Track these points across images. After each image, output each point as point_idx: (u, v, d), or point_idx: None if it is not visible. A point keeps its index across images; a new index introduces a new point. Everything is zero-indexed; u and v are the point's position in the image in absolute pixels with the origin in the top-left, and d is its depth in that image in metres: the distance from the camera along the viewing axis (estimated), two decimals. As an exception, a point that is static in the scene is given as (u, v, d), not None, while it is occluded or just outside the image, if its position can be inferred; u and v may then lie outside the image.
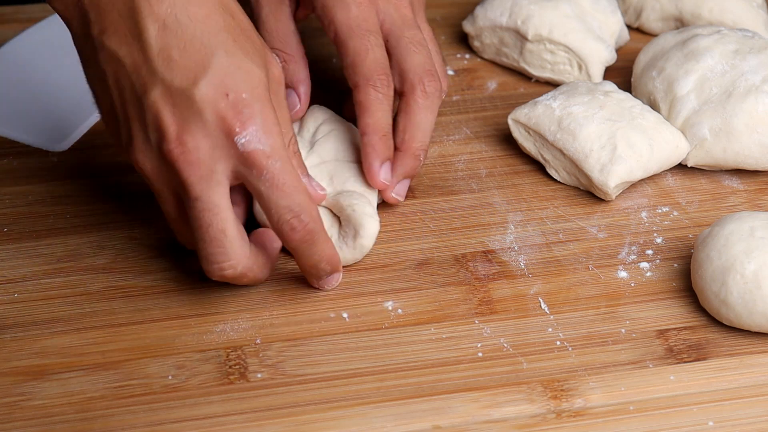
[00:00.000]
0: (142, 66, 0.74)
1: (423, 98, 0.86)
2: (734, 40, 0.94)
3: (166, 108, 0.74)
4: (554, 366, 0.78)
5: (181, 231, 0.81)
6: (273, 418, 0.75)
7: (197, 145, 0.74)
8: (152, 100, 0.74)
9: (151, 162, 0.76)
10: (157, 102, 0.74)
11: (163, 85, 0.74)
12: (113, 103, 0.76)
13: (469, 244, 0.87)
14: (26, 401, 0.75)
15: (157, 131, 0.74)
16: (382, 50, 0.86)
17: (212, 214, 0.75)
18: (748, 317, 0.78)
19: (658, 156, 0.90)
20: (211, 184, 0.75)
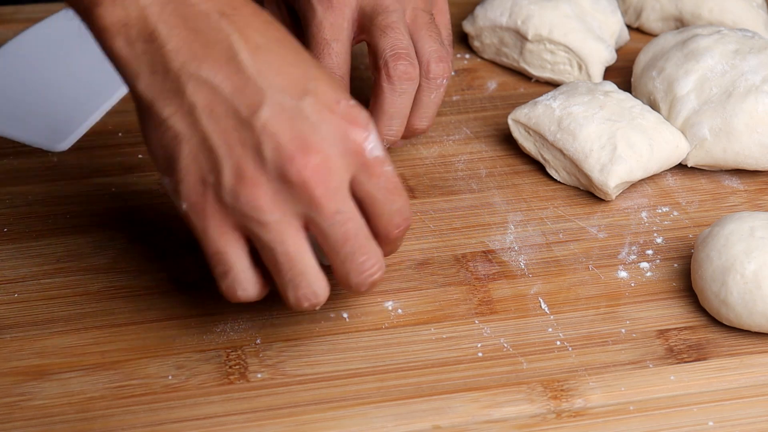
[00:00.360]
0: (245, 87, 0.69)
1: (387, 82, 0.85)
2: (734, 40, 0.94)
3: (280, 126, 0.69)
4: (554, 366, 0.78)
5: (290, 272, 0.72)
6: (273, 418, 0.75)
7: (324, 157, 0.69)
8: (262, 121, 0.69)
9: (269, 190, 0.69)
10: (269, 122, 0.69)
11: (271, 104, 0.69)
12: (206, 141, 0.70)
13: (469, 244, 0.87)
14: (26, 401, 0.75)
15: (276, 152, 0.69)
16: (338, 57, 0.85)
17: (354, 222, 0.71)
18: (748, 317, 0.78)
19: (658, 156, 0.90)
20: (343, 195, 0.71)
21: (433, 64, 0.86)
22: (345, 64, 0.86)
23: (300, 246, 0.71)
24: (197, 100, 0.69)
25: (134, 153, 0.94)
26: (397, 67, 0.84)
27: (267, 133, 0.69)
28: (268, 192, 0.69)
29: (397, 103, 0.86)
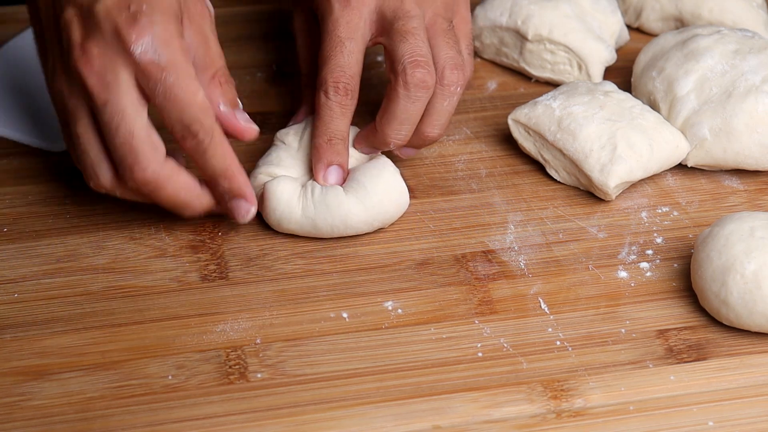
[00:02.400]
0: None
1: (402, 89, 0.84)
2: (734, 40, 0.94)
3: (74, 22, 0.78)
4: (554, 366, 0.78)
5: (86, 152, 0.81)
6: (273, 418, 0.75)
7: (99, 53, 0.77)
8: (65, 18, 0.78)
9: (64, 79, 0.79)
10: (68, 19, 0.78)
11: (74, 4, 0.78)
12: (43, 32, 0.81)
13: (469, 244, 0.87)
14: (26, 401, 0.75)
15: (66, 44, 0.78)
16: (350, 56, 0.85)
17: (120, 117, 0.78)
18: (748, 317, 0.78)
19: (658, 156, 0.90)
20: (117, 90, 0.77)
21: (448, 71, 0.86)
22: (357, 64, 0.85)
23: (85, 128, 0.80)
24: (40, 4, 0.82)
25: (134, 153, 0.94)
26: (415, 74, 0.84)
27: (65, 28, 0.78)
28: (64, 80, 0.79)
29: (409, 110, 0.85)
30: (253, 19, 1.11)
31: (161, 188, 0.80)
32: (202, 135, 0.79)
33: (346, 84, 0.85)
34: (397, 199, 0.86)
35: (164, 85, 0.77)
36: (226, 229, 0.87)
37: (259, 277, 0.84)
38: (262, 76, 1.03)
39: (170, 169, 0.80)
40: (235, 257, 0.85)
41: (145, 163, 0.79)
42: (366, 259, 0.85)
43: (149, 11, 0.77)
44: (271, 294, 0.83)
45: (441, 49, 0.86)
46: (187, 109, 0.78)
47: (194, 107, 0.79)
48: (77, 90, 0.79)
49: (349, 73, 0.85)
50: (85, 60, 0.77)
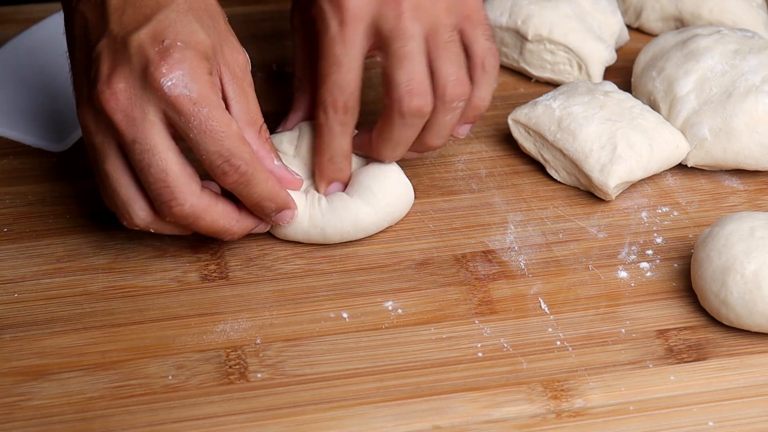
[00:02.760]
0: (99, 23, 0.77)
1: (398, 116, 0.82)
2: (734, 40, 0.94)
3: (105, 55, 0.76)
4: (554, 366, 0.78)
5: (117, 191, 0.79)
6: (273, 418, 0.74)
7: (125, 87, 0.75)
8: (97, 50, 0.77)
9: (92, 113, 0.77)
10: (100, 51, 0.77)
11: (109, 36, 0.77)
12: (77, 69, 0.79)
13: (469, 244, 0.87)
14: (26, 401, 0.75)
15: (94, 78, 0.76)
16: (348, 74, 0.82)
17: (151, 155, 0.76)
18: (748, 317, 0.78)
19: (658, 156, 0.90)
20: (145, 125, 0.76)
21: (449, 88, 0.83)
22: (355, 80, 0.83)
23: (116, 165, 0.78)
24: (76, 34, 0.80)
25: (134, 153, 0.94)
26: (411, 103, 0.82)
27: (96, 61, 0.77)
28: (92, 115, 0.77)
29: (405, 134, 0.84)
30: (253, 19, 1.11)
31: (200, 219, 0.79)
32: (244, 167, 0.78)
33: (345, 102, 0.83)
34: (403, 197, 0.86)
35: (198, 119, 0.76)
36: (226, 229, 0.87)
37: (259, 277, 0.84)
38: (262, 76, 1.03)
39: (208, 199, 0.79)
40: (235, 257, 0.85)
41: (182, 198, 0.77)
42: (366, 259, 0.85)
43: (182, 47, 0.76)
44: (271, 294, 0.83)
45: (442, 64, 0.84)
46: (226, 141, 0.77)
47: (232, 138, 0.77)
48: (104, 126, 0.77)
49: (347, 90, 0.83)
50: (111, 94, 0.76)
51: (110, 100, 0.75)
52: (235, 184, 0.79)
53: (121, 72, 0.76)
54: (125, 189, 0.79)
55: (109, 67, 0.76)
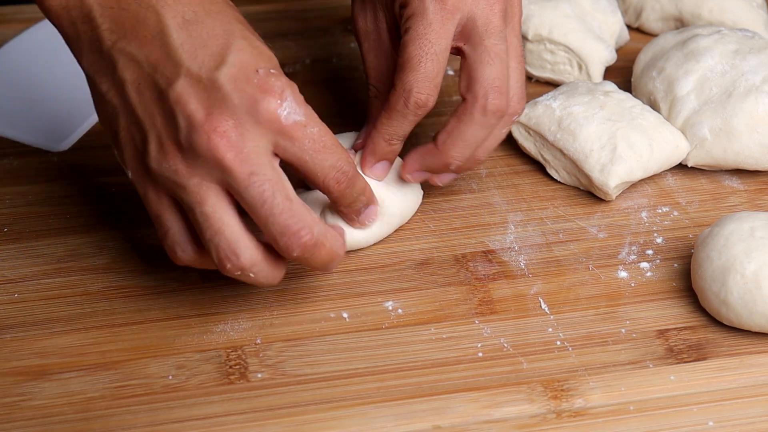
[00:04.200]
0: (165, 61, 0.73)
1: (480, 114, 0.82)
2: (734, 40, 0.94)
3: (192, 96, 0.72)
4: (554, 366, 0.78)
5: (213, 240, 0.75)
6: (273, 418, 0.75)
7: (234, 125, 0.72)
8: (177, 92, 0.72)
9: (184, 158, 0.73)
10: (182, 92, 0.72)
11: (187, 75, 0.72)
12: (134, 113, 0.74)
13: (469, 244, 0.87)
14: (26, 401, 0.75)
15: (187, 120, 0.72)
16: (440, 65, 0.81)
17: (273, 184, 0.73)
18: (748, 317, 0.78)
19: (658, 156, 0.90)
20: (261, 159, 0.73)
21: (515, 102, 0.83)
22: (442, 72, 0.81)
23: (219, 207, 0.74)
24: (126, 76, 0.74)
25: (134, 153, 0.94)
26: (496, 101, 0.81)
27: (180, 104, 0.72)
28: (184, 160, 0.73)
29: (479, 135, 0.83)
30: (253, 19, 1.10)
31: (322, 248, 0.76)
32: (351, 170, 0.78)
33: (429, 96, 0.81)
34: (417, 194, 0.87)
35: (311, 139, 0.74)
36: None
37: (259, 277, 0.84)
38: (262, 76, 1.03)
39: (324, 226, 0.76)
40: (235, 257, 0.85)
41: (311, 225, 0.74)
42: (366, 259, 0.85)
43: (276, 74, 0.73)
44: (271, 294, 0.83)
45: (513, 74, 0.83)
46: (336, 150, 0.76)
47: (338, 146, 0.76)
48: (205, 168, 0.72)
49: (435, 83, 0.81)
50: (219, 135, 0.71)
51: (220, 141, 0.72)
52: (345, 188, 0.78)
53: (223, 111, 0.72)
54: (231, 228, 0.74)
55: (203, 107, 0.72)
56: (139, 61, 0.73)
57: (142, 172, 0.75)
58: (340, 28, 1.10)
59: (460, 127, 0.83)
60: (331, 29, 1.09)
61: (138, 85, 0.74)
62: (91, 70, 0.75)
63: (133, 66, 0.74)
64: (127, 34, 0.74)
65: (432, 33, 0.80)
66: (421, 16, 0.80)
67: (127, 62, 0.74)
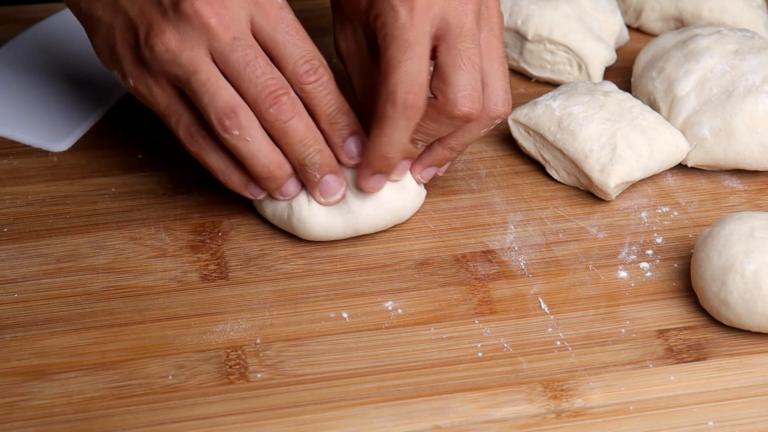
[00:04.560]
0: None
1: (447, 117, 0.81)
2: (734, 40, 0.94)
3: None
4: (554, 366, 0.78)
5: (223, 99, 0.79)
6: (273, 418, 0.75)
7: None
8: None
9: (173, 32, 0.77)
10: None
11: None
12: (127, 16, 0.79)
13: (469, 244, 0.87)
14: (26, 401, 0.75)
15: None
16: (421, 63, 0.80)
17: (255, 49, 0.78)
18: (748, 317, 0.78)
19: (658, 156, 0.90)
20: (242, 26, 0.77)
21: (499, 106, 0.84)
22: (426, 70, 0.80)
23: (212, 73, 0.78)
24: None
25: (134, 153, 0.94)
26: (464, 108, 0.80)
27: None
28: (173, 34, 0.78)
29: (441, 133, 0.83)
30: (253, 19, 1.10)
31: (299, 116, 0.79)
32: (322, 68, 0.80)
33: (416, 95, 0.79)
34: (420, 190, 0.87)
35: (286, 21, 0.78)
36: (226, 229, 0.87)
37: (259, 277, 0.84)
38: (262, 76, 1.03)
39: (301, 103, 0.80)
40: (235, 257, 0.85)
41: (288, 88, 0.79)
42: (366, 259, 0.85)
43: None
44: (271, 294, 0.83)
45: (492, 75, 0.83)
46: (308, 43, 0.80)
47: (311, 43, 0.80)
48: (192, 37, 0.77)
49: (419, 81, 0.79)
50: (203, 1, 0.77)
51: (204, 6, 0.76)
52: (316, 85, 0.80)
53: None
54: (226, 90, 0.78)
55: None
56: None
57: (141, 68, 0.80)
58: (340, 28, 1.10)
59: (428, 123, 0.82)
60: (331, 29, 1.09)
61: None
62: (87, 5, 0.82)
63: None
64: None
65: (408, 33, 0.79)
66: (393, 20, 0.80)
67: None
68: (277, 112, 0.79)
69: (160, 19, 0.78)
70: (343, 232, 0.85)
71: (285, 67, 0.79)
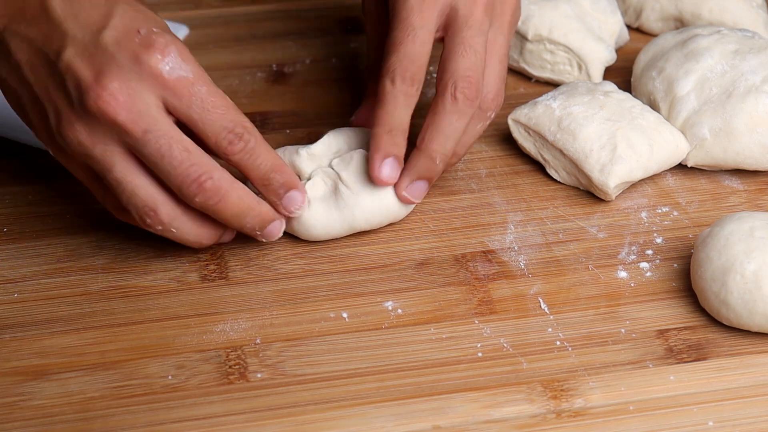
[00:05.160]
0: (52, 34, 0.75)
1: (450, 103, 0.82)
2: (734, 40, 0.94)
3: (79, 63, 0.74)
4: (554, 366, 0.78)
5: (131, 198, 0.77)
6: (273, 418, 0.75)
7: (120, 85, 0.74)
8: (65, 61, 0.74)
9: (83, 126, 0.75)
10: (70, 60, 0.74)
11: (73, 44, 0.74)
12: (32, 92, 0.76)
13: (469, 244, 0.87)
14: (26, 401, 0.75)
15: (77, 87, 0.74)
16: (422, 46, 0.82)
17: (168, 138, 0.75)
18: (748, 317, 0.78)
19: (658, 156, 0.90)
20: (152, 114, 0.75)
21: (491, 98, 0.85)
22: (426, 54, 0.82)
23: (127, 170, 0.76)
24: (20, 57, 0.76)
25: (134, 153, 0.94)
26: (466, 89, 0.82)
27: (69, 71, 0.74)
28: (83, 128, 0.75)
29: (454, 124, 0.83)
30: (253, 19, 1.11)
31: (227, 195, 0.77)
32: (247, 135, 0.78)
33: (414, 74, 0.82)
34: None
35: (199, 97, 0.76)
36: (226, 229, 0.87)
37: (259, 277, 0.84)
38: (262, 76, 1.03)
39: (229, 175, 0.78)
40: (235, 257, 0.85)
41: (210, 171, 0.76)
42: (366, 259, 0.85)
43: (159, 32, 0.75)
44: (271, 294, 0.83)
45: (491, 71, 0.84)
46: (228, 112, 0.77)
47: (233, 110, 0.77)
48: (103, 133, 0.75)
49: (418, 63, 0.82)
50: (108, 95, 0.74)
51: (110, 102, 0.74)
52: (242, 154, 0.78)
53: (109, 72, 0.74)
54: (144, 188, 0.77)
55: (92, 71, 0.74)
56: (30, 38, 0.76)
57: (56, 146, 0.78)
58: (340, 28, 1.10)
59: (435, 120, 0.83)
60: (331, 29, 1.09)
61: (31, 63, 0.76)
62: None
63: (25, 46, 0.76)
64: (16, 16, 0.76)
65: (413, 17, 0.82)
66: (403, 2, 0.82)
67: (19, 43, 0.76)
68: (204, 199, 0.77)
69: (68, 110, 0.75)
70: (341, 228, 0.85)
71: (207, 141, 0.77)
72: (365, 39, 0.91)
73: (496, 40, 0.85)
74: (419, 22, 0.82)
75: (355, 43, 1.07)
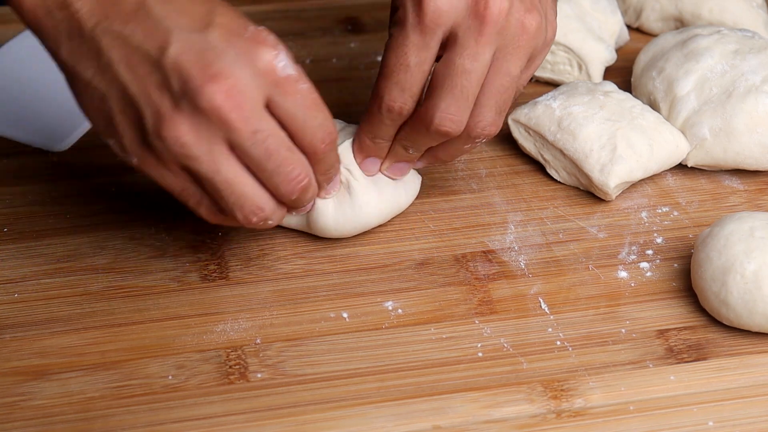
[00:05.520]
0: (154, 31, 0.71)
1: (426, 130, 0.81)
2: (734, 40, 0.94)
3: (188, 58, 0.71)
4: (554, 366, 0.78)
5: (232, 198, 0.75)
6: (273, 418, 0.75)
7: (234, 82, 0.71)
8: (172, 57, 0.71)
9: (188, 125, 0.72)
10: (178, 57, 0.71)
11: (179, 40, 0.71)
12: (127, 92, 0.72)
13: (469, 244, 0.87)
14: (26, 401, 0.75)
15: (184, 85, 0.71)
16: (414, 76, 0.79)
17: (275, 138, 0.74)
18: (748, 317, 0.78)
19: (658, 156, 0.90)
20: (260, 114, 0.73)
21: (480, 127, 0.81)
22: (420, 83, 0.80)
23: (235, 169, 0.74)
24: (113, 56, 0.72)
25: (134, 153, 0.94)
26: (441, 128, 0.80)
27: (175, 69, 0.71)
28: (188, 127, 0.72)
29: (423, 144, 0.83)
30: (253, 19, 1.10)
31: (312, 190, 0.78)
32: (336, 134, 0.77)
33: (403, 104, 0.80)
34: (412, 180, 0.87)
35: (302, 94, 0.74)
36: (226, 229, 0.87)
37: (259, 277, 0.84)
38: (262, 76, 1.03)
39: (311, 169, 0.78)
40: (235, 257, 0.85)
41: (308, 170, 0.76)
42: (366, 259, 0.85)
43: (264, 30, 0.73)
44: (271, 294, 0.83)
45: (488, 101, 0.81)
46: (324, 110, 0.76)
47: (326, 108, 0.76)
48: (209, 131, 0.72)
49: (407, 93, 0.80)
50: (222, 93, 0.71)
51: (224, 99, 0.71)
52: (329, 150, 0.78)
53: (220, 69, 0.71)
54: (251, 187, 0.75)
55: (201, 69, 0.71)
56: (125, 36, 0.72)
57: (147, 153, 0.74)
58: (340, 28, 1.10)
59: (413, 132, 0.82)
60: (331, 29, 1.09)
61: (128, 61, 0.72)
62: (72, 59, 0.73)
63: (120, 43, 0.72)
64: (108, 14, 0.72)
65: (409, 45, 0.79)
66: (401, 26, 0.79)
67: (112, 41, 0.72)
68: (298, 201, 0.77)
69: (172, 109, 0.71)
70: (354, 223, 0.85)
71: (302, 138, 0.76)
72: None
73: (501, 68, 0.80)
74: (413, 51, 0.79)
75: (355, 43, 1.07)
